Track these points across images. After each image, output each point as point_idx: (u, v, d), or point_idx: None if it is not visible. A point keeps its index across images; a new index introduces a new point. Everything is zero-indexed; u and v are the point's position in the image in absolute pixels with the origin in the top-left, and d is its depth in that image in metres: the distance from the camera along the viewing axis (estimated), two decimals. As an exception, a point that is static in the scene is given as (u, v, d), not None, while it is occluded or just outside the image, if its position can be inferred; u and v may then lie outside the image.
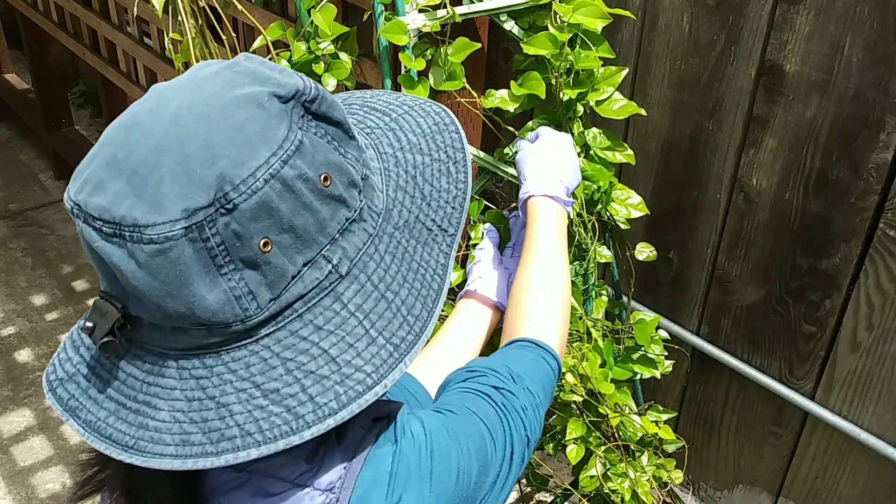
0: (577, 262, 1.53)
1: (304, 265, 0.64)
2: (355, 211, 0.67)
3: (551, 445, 1.63)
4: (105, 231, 0.60)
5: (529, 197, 1.19)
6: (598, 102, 1.42)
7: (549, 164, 1.22)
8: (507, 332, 1.05)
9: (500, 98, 1.39)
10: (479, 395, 0.85)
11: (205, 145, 0.60)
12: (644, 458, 1.61)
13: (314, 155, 0.63)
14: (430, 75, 1.37)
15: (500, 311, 1.19)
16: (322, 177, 0.63)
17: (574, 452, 1.52)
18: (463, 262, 1.44)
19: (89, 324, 0.63)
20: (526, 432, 0.85)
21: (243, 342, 0.64)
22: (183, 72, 1.32)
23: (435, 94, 1.42)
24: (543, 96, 1.38)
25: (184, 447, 0.63)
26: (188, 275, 0.60)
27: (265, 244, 0.61)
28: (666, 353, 1.55)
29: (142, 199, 0.59)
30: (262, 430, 0.63)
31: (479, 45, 1.38)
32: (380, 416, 0.73)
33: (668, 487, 1.74)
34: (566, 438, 1.51)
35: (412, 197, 0.73)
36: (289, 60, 1.32)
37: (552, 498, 1.97)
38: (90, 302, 3.03)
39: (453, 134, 0.77)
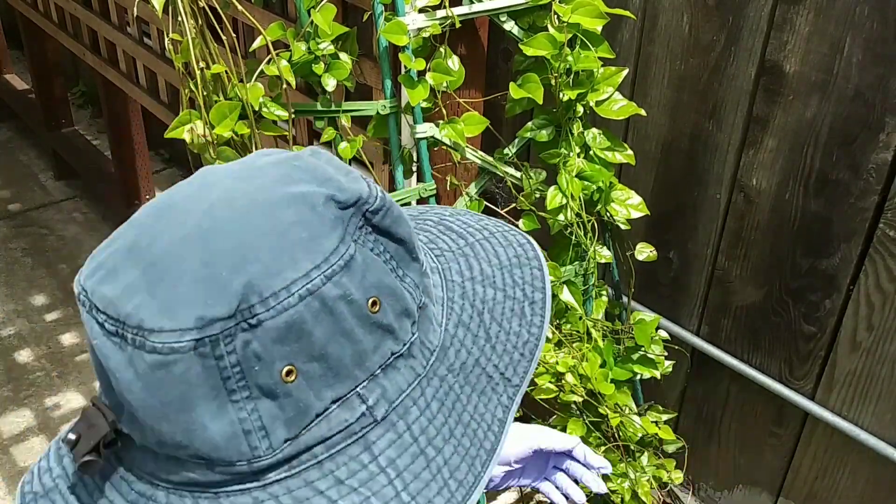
0: (577, 263, 1.53)
1: (333, 402, 0.54)
2: (404, 345, 0.57)
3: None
4: (107, 327, 0.51)
5: None
6: (598, 103, 1.42)
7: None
8: None
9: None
10: None
11: (237, 246, 0.51)
12: (644, 459, 1.61)
13: (365, 274, 0.53)
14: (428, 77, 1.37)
15: None
16: (371, 301, 0.54)
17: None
18: None
19: (72, 435, 0.53)
20: None
21: (247, 486, 0.54)
22: (183, 72, 1.32)
23: (435, 94, 1.42)
24: (541, 101, 1.38)
25: None
26: (192, 397, 0.51)
27: (288, 372, 0.51)
28: (666, 354, 1.55)
29: (154, 298, 0.50)
30: None
31: (487, 122, 1.39)
32: None
33: (668, 488, 1.74)
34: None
35: (475, 336, 0.62)
36: (289, 60, 1.32)
37: (552, 498, 1.97)
38: (90, 302, 3.03)
39: (535, 270, 0.66)
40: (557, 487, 1.09)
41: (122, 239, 0.54)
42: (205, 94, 1.32)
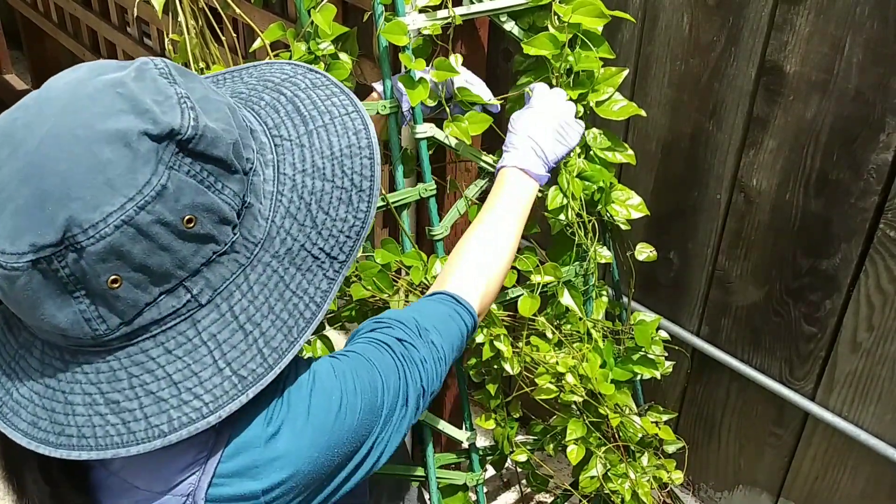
0: (577, 263, 1.52)
1: (161, 294, 0.66)
2: (225, 244, 0.67)
3: (552, 446, 1.63)
4: None
5: (502, 167, 1.21)
6: (599, 103, 1.42)
7: (535, 132, 1.22)
8: (436, 284, 1.07)
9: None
10: (380, 344, 0.87)
11: (62, 183, 0.60)
12: (644, 459, 1.61)
13: (179, 198, 0.63)
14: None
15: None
16: (185, 219, 0.64)
17: (574, 453, 1.52)
18: None
19: None
20: (422, 383, 0.88)
21: (97, 350, 0.67)
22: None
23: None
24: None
25: (32, 428, 0.67)
26: (37, 298, 0.63)
27: (114, 281, 0.63)
28: (666, 354, 1.55)
29: None
30: (96, 436, 0.66)
31: (491, 120, 1.39)
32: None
33: (669, 488, 1.74)
34: (566, 439, 1.51)
35: (301, 225, 0.72)
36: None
37: (552, 499, 1.97)
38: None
39: (365, 160, 0.75)
40: None
41: None
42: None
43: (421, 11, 1.34)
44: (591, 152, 1.46)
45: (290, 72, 0.82)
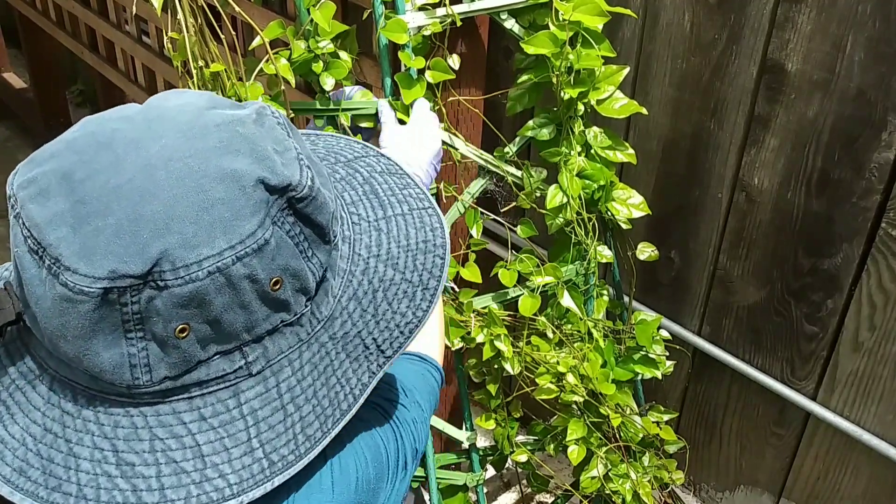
0: (578, 262, 1.52)
1: (216, 354, 0.60)
2: (295, 315, 0.62)
3: (552, 446, 1.62)
4: (30, 244, 0.55)
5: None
6: (599, 101, 1.41)
7: (417, 149, 1.22)
8: None
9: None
10: (374, 406, 0.83)
11: (163, 211, 0.54)
12: (645, 459, 1.60)
13: (275, 257, 0.58)
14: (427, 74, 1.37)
15: None
16: (274, 280, 0.59)
17: (575, 453, 1.52)
18: None
19: None
20: (415, 444, 0.85)
21: (122, 401, 0.60)
22: (181, 72, 1.32)
23: (434, 92, 1.42)
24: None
25: (19, 476, 0.58)
26: (91, 330, 0.55)
27: (182, 330, 0.57)
28: (667, 354, 1.55)
29: (76, 235, 0.54)
30: (99, 499, 0.58)
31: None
32: None
33: (670, 488, 1.74)
34: (567, 439, 1.51)
35: (364, 311, 0.67)
36: (288, 59, 1.32)
37: (553, 499, 1.97)
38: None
39: (437, 259, 0.71)
40: None
41: (59, 160, 0.57)
42: (203, 92, 1.31)
43: (421, 9, 1.33)
44: (592, 151, 1.46)
45: (360, 151, 0.79)
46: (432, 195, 1.22)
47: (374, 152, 0.79)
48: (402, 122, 1.35)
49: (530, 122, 1.45)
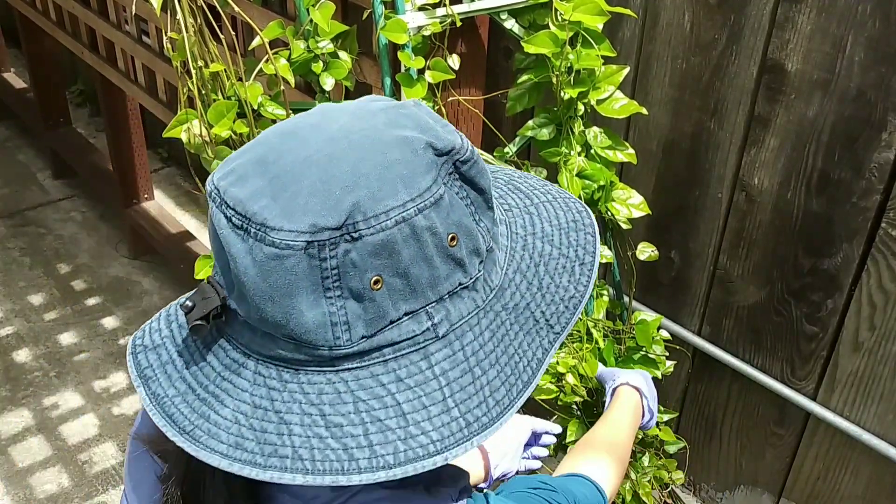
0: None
1: (406, 315, 0.64)
2: (471, 279, 0.67)
3: (552, 446, 1.62)
4: (234, 221, 0.61)
5: (622, 384, 1.27)
6: (599, 101, 1.41)
7: (646, 379, 1.33)
8: (572, 464, 1.08)
9: None
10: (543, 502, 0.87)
11: (350, 171, 0.61)
12: (645, 459, 1.60)
13: (449, 213, 0.64)
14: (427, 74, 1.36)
15: None
16: (450, 236, 0.64)
17: (575, 453, 1.51)
18: None
19: (189, 303, 0.65)
20: None
21: (324, 369, 0.65)
22: (181, 71, 1.32)
23: (434, 92, 1.42)
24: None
25: (235, 450, 0.64)
26: (296, 286, 0.61)
27: (376, 281, 0.62)
28: (667, 354, 1.55)
29: (276, 203, 0.60)
30: (313, 459, 0.62)
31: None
32: (465, 488, 0.74)
33: (670, 488, 1.74)
34: (567, 440, 1.51)
35: (529, 283, 0.72)
36: (288, 59, 1.31)
37: (552, 499, 1.96)
38: (88, 302, 3.02)
39: (588, 236, 0.76)
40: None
41: (252, 153, 0.65)
42: (203, 92, 1.31)
43: (421, 9, 1.33)
44: (592, 151, 1.46)
45: (495, 166, 0.85)
46: None
47: (506, 168, 0.85)
48: None
49: (530, 122, 1.45)
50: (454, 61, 1.41)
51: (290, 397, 0.65)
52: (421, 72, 1.37)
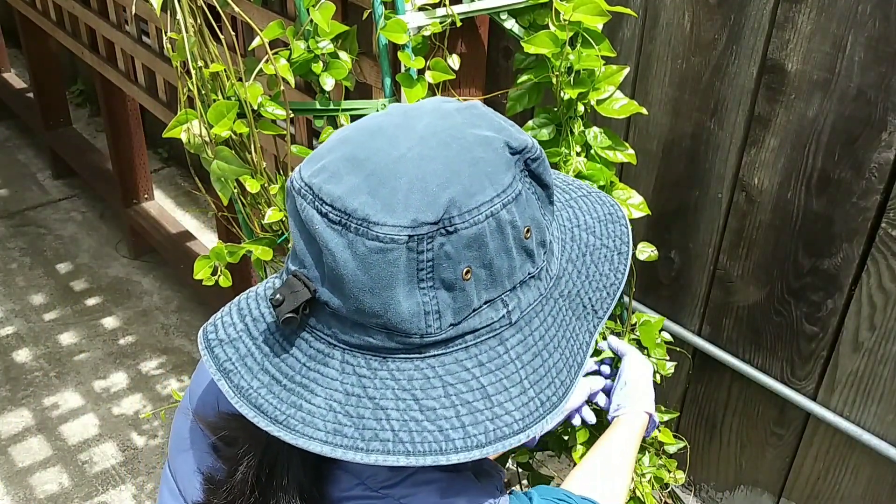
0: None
1: (486, 303, 0.68)
2: (537, 268, 0.71)
3: (553, 444, 1.62)
4: (331, 217, 0.64)
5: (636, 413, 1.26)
6: (599, 101, 1.41)
7: (647, 384, 1.30)
8: (582, 483, 1.10)
9: None
10: None
11: (444, 169, 0.64)
12: (645, 459, 1.60)
13: (526, 207, 0.68)
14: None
15: None
16: (525, 229, 0.68)
17: (579, 453, 1.51)
18: None
19: (279, 296, 0.66)
20: None
21: (411, 356, 0.68)
22: (181, 71, 1.31)
23: (434, 92, 1.41)
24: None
25: (335, 436, 0.66)
26: (395, 278, 0.64)
27: (467, 272, 0.65)
28: (667, 357, 1.55)
29: (376, 199, 0.63)
30: (413, 441, 0.66)
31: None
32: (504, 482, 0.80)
33: (670, 489, 1.74)
34: (575, 444, 1.51)
35: (579, 272, 0.77)
36: (288, 59, 1.31)
37: (552, 499, 1.96)
38: (88, 302, 3.02)
39: (622, 227, 0.82)
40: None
41: (339, 150, 0.67)
42: (203, 93, 1.31)
43: (420, 9, 1.33)
44: (592, 151, 1.46)
45: None
46: None
47: None
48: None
49: (530, 123, 1.45)
50: (454, 61, 1.41)
51: (382, 384, 0.67)
52: (421, 72, 1.37)
